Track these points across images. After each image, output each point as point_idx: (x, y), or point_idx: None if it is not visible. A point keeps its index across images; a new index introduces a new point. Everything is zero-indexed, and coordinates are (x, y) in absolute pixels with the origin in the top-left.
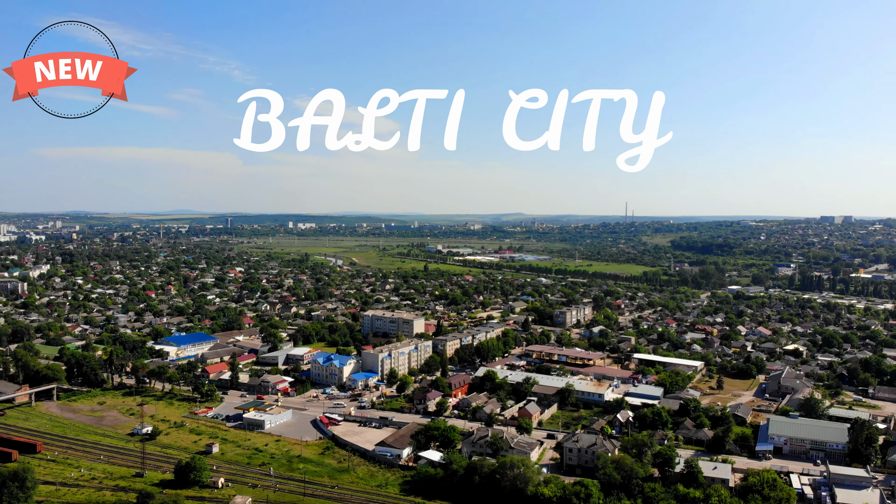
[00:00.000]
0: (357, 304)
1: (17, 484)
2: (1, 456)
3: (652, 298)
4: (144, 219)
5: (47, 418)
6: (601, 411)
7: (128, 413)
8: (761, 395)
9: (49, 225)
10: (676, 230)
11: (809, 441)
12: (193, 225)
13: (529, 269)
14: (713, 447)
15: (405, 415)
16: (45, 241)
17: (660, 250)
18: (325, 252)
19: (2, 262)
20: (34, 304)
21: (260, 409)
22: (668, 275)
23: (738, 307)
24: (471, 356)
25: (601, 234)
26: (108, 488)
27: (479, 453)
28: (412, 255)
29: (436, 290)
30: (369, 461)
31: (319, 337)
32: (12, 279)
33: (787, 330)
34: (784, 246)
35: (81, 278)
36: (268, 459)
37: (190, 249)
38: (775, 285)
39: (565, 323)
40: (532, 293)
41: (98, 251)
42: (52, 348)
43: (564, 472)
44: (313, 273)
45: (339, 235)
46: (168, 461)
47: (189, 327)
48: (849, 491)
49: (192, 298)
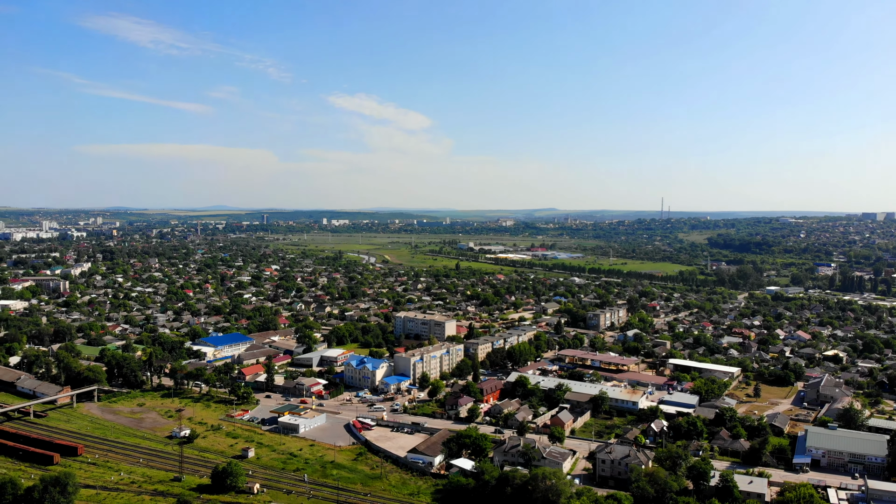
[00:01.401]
0: (389, 304)
1: (58, 489)
2: (43, 459)
3: (688, 300)
4: (182, 215)
5: (88, 420)
6: (635, 419)
7: (166, 415)
8: (799, 403)
9: (90, 221)
10: (713, 227)
11: (848, 454)
12: (230, 221)
13: (562, 267)
14: (749, 459)
15: (437, 420)
16: (87, 238)
17: (696, 248)
18: (358, 249)
19: (44, 259)
20: (76, 302)
21: (294, 412)
22: (704, 274)
23: (776, 309)
24: (502, 360)
25: (636, 230)
26: (146, 492)
27: (510, 462)
28: (444, 252)
29: (467, 289)
30: (401, 468)
31: (353, 338)
32: (54, 277)
33: (826, 334)
34: (824, 244)
35: (122, 276)
36: (302, 465)
37: (227, 246)
38: (815, 286)
39: (599, 325)
40: (565, 293)
41: (138, 248)
42: (93, 349)
43: (597, 484)
44: (347, 271)
45: (371, 232)
46: (205, 465)
47: (226, 327)
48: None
49: (229, 297)
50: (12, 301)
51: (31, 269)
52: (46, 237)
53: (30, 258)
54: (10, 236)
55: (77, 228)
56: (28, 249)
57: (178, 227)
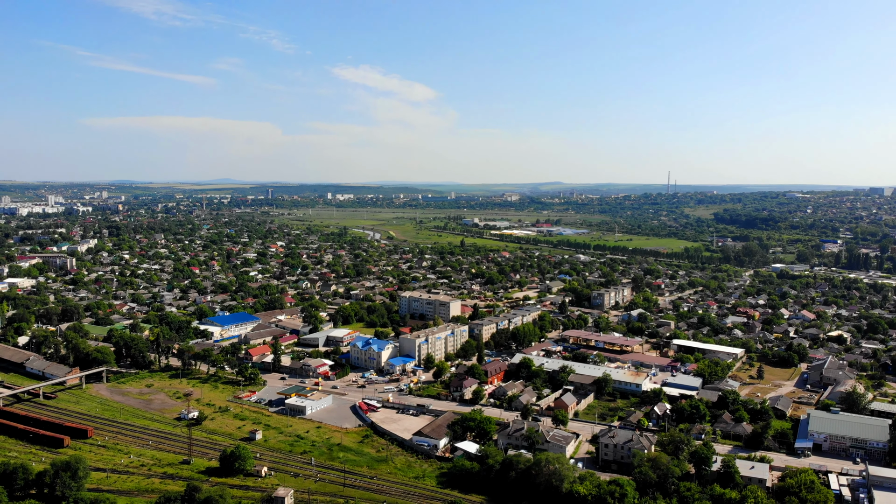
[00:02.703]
0: (394, 282)
1: (69, 474)
2: (53, 442)
3: (693, 278)
4: (188, 188)
5: (97, 401)
6: (638, 402)
7: (174, 396)
8: (802, 385)
9: (95, 195)
10: (720, 201)
11: (850, 439)
12: (235, 195)
13: (567, 244)
14: (751, 443)
15: (442, 402)
16: (92, 213)
17: (702, 223)
18: (362, 225)
19: (51, 235)
20: (83, 280)
21: (301, 394)
22: (710, 251)
23: (781, 288)
24: (507, 341)
25: (642, 205)
26: (156, 475)
27: (514, 446)
28: (449, 228)
29: (472, 267)
30: (407, 451)
31: (358, 317)
32: (61, 254)
33: (831, 313)
34: (831, 220)
35: (128, 253)
36: (309, 447)
37: (232, 222)
38: (821, 263)
39: (603, 305)
40: (569, 272)
41: (143, 223)
42: (100, 328)
43: (600, 468)
44: (352, 248)
45: (376, 207)
46: (214, 448)
47: (232, 306)
48: (888, 494)
49: (235, 275)
50: (20, 279)
51: (37, 246)
52: (52, 212)
53: (36, 234)
54: (16, 211)
55: (83, 203)
56: (34, 225)
57: (184, 202)
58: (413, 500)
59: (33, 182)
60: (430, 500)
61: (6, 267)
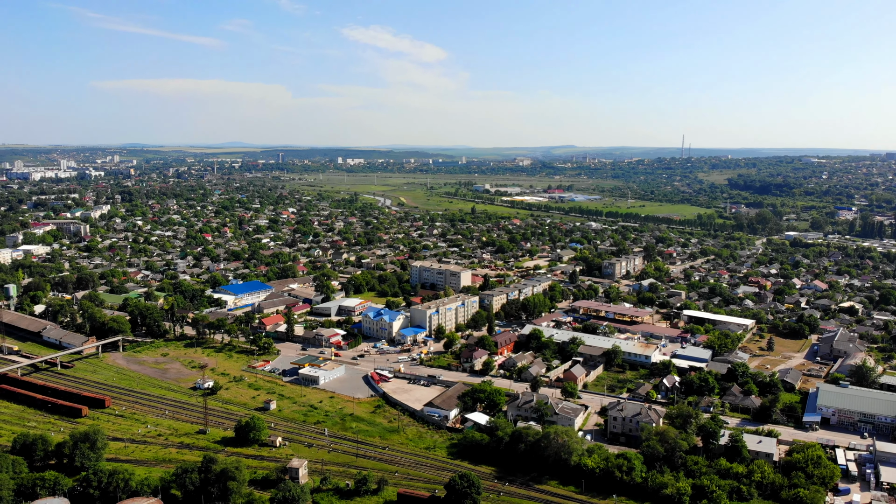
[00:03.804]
0: (405, 250)
1: (87, 445)
2: (72, 412)
3: (705, 246)
4: (198, 152)
5: (114, 370)
6: (648, 373)
7: (190, 366)
8: (813, 357)
9: (107, 159)
10: (734, 166)
11: (858, 413)
12: (246, 160)
13: (579, 211)
14: (760, 416)
15: (452, 373)
16: (105, 178)
17: (716, 189)
18: (373, 191)
19: (64, 202)
20: (97, 247)
21: (314, 364)
22: (723, 218)
23: (794, 257)
24: (517, 311)
25: (655, 170)
26: (173, 445)
27: (524, 418)
28: (459, 194)
29: (483, 235)
30: (418, 421)
31: (370, 287)
32: (75, 220)
33: (843, 283)
34: (846, 186)
35: (141, 219)
36: (322, 417)
37: (243, 187)
38: (835, 231)
39: (614, 274)
40: (581, 240)
41: (155, 189)
42: (115, 297)
43: (608, 440)
44: (362, 215)
45: (387, 172)
46: (229, 418)
47: (245, 274)
48: (894, 470)
49: (247, 242)
50: (34, 246)
51: (51, 212)
52: (65, 177)
53: (49, 200)
54: (29, 176)
55: (95, 167)
56: (47, 190)
57: (195, 166)
58: (424, 471)
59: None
60: (440, 470)
61: (21, 234)
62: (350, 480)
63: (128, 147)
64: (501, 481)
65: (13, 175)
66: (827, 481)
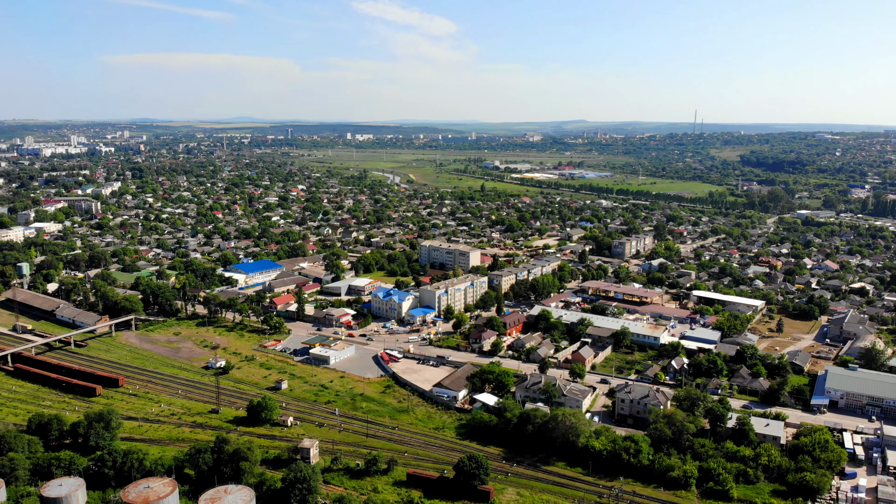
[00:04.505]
0: (415, 228)
1: (102, 425)
2: (86, 391)
3: (716, 225)
4: (208, 127)
5: (127, 349)
6: (656, 355)
7: (202, 345)
8: (822, 338)
9: (117, 135)
10: (747, 142)
11: (866, 396)
12: (255, 135)
13: (589, 188)
14: (768, 398)
15: (461, 353)
16: (115, 154)
17: (728, 166)
18: (382, 167)
19: (75, 178)
20: (108, 224)
21: (325, 344)
22: (734, 195)
23: (805, 236)
24: (526, 292)
25: (667, 146)
26: (186, 424)
27: (532, 399)
28: (469, 171)
29: (492, 213)
30: (427, 402)
31: (379, 266)
32: (86, 197)
33: (854, 263)
34: (859, 164)
35: (151, 196)
36: (333, 397)
37: (253, 164)
38: (847, 209)
39: (624, 254)
40: (591, 218)
41: (165, 165)
42: (127, 275)
43: (616, 422)
44: (372, 192)
45: (396, 148)
46: (241, 397)
47: (256, 252)
48: None
49: (257, 220)
50: (46, 223)
51: (62, 189)
52: (75, 153)
53: (60, 176)
54: (40, 152)
55: (105, 143)
56: (58, 167)
57: (204, 141)
58: (433, 451)
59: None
60: (449, 451)
61: (32, 211)
62: (360, 460)
63: (137, 122)
64: (509, 462)
65: (24, 151)
66: (834, 465)
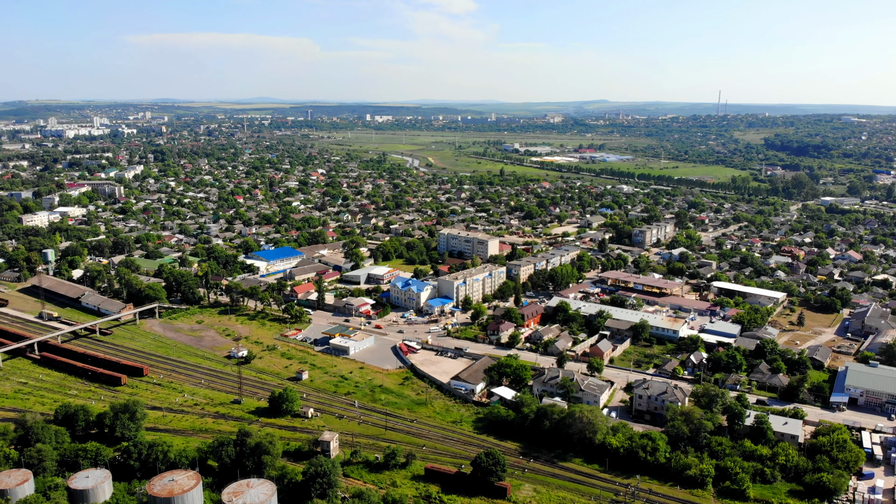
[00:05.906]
0: (433, 215)
1: (127, 416)
2: (111, 380)
3: (738, 212)
4: (228, 108)
5: (151, 338)
6: (675, 349)
7: (224, 334)
8: (843, 333)
9: (139, 116)
10: (772, 125)
11: (886, 394)
12: (275, 116)
13: (610, 172)
14: (786, 395)
15: (479, 345)
16: (137, 136)
17: (751, 150)
18: (401, 150)
19: (98, 161)
20: (131, 209)
21: (345, 334)
22: (758, 180)
23: (829, 224)
24: (544, 282)
25: (690, 128)
26: (209, 415)
27: (549, 393)
28: (488, 154)
29: (511, 199)
30: (445, 394)
31: (398, 254)
32: (109, 181)
33: (878, 254)
34: (886, 149)
35: (173, 180)
36: (352, 388)
37: (273, 146)
38: (872, 196)
39: (644, 242)
40: (611, 204)
41: (187, 147)
42: (150, 262)
43: (633, 418)
44: (391, 177)
45: (415, 129)
46: (263, 387)
47: (276, 238)
48: None
49: (278, 205)
50: (70, 208)
51: (85, 171)
52: (98, 134)
53: (83, 159)
54: (63, 133)
55: (127, 124)
56: (81, 149)
57: (225, 123)
58: (451, 445)
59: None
60: (467, 445)
61: (57, 195)
62: (379, 454)
63: (159, 102)
64: (526, 457)
65: (48, 133)
66: (851, 466)
